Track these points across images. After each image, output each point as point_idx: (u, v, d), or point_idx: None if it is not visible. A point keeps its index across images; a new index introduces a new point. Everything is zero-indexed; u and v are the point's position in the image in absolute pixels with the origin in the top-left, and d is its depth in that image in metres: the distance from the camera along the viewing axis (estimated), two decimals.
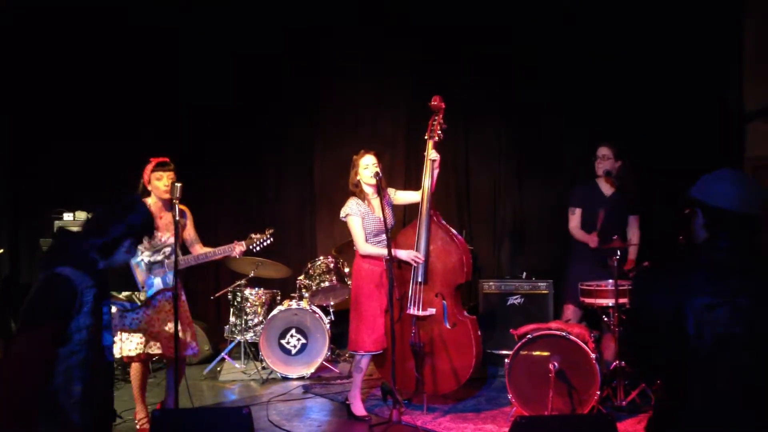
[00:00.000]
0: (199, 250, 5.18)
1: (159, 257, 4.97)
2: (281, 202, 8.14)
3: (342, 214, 5.37)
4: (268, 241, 5.44)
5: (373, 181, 5.26)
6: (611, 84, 6.92)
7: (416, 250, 5.38)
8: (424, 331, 5.44)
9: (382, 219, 5.25)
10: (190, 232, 5.19)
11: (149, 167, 5.01)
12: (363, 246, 5.32)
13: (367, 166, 5.30)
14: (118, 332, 4.91)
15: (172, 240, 4.98)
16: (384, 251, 5.13)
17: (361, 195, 5.33)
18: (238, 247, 5.13)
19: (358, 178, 5.32)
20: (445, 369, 5.42)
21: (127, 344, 4.90)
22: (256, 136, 8.01)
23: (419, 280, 5.42)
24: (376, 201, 5.35)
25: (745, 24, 6.61)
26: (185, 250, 5.17)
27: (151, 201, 5.03)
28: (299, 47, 7.85)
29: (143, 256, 4.93)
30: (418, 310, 5.39)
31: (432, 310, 5.40)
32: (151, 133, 7.21)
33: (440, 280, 5.46)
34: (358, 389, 5.44)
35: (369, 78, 7.89)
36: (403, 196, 5.63)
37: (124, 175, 5.27)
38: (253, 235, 5.33)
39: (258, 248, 5.40)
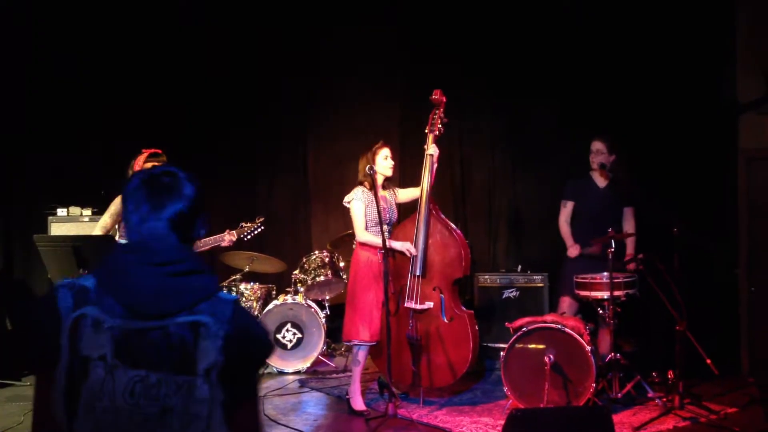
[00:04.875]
0: None
1: None
2: (276, 196, 8.12)
3: (346, 199, 5.44)
4: (259, 230, 5.43)
5: (390, 173, 5.46)
6: (605, 77, 6.90)
7: (414, 244, 5.41)
8: (421, 324, 5.44)
9: (385, 208, 5.30)
10: None
11: (141, 158, 4.99)
12: (361, 233, 5.36)
13: (387, 157, 5.45)
14: None
15: None
16: (379, 239, 5.16)
17: (370, 184, 5.35)
18: (228, 236, 5.13)
19: (375, 167, 5.35)
20: (442, 363, 5.42)
21: None
22: (250, 131, 7.97)
23: (417, 273, 5.43)
24: (382, 192, 5.45)
25: (737, 15, 6.61)
26: None
27: None
28: (294, 43, 7.83)
29: None
30: (416, 303, 5.40)
31: (429, 304, 5.41)
32: (142, 129, 7.15)
33: (438, 274, 5.46)
34: (358, 384, 5.43)
35: (363, 73, 7.87)
36: (405, 194, 5.68)
37: (119, 171, 5.24)
38: (243, 224, 5.32)
39: (249, 237, 5.40)
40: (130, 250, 1.77)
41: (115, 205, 4.96)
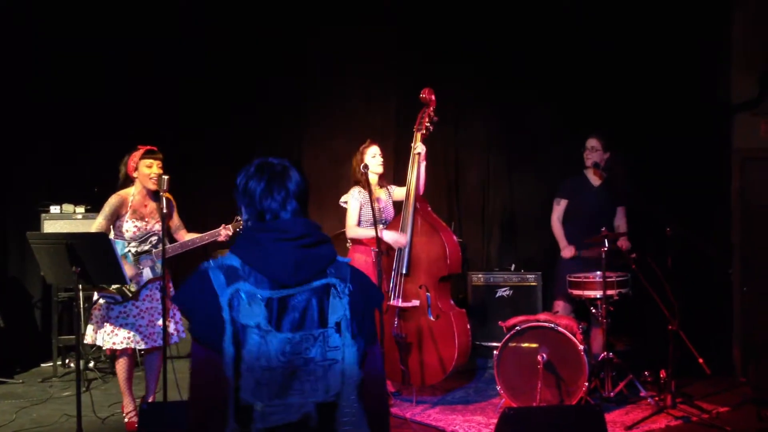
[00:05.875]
0: (185, 236, 5.15)
1: (146, 246, 4.95)
2: None
3: (343, 199, 5.53)
4: None
5: (379, 170, 5.49)
6: (601, 77, 6.92)
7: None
8: (408, 323, 5.45)
9: (381, 208, 5.33)
10: (174, 220, 5.20)
11: (137, 154, 4.98)
12: (352, 228, 5.44)
13: (375, 155, 5.48)
14: (104, 324, 4.88)
15: (158, 227, 4.96)
16: (370, 232, 5.22)
17: (365, 183, 5.37)
18: (225, 231, 5.13)
19: (362, 165, 5.39)
20: (431, 360, 5.43)
21: (112, 337, 4.86)
22: (246, 129, 7.95)
23: (402, 271, 5.44)
24: (378, 191, 5.51)
25: (733, 15, 6.62)
26: (171, 238, 5.15)
27: (135, 189, 5.00)
28: (290, 42, 7.81)
29: (130, 247, 4.90)
30: (401, 301, 5.40)
31: (416, 302, 5.41)
32: (136, 126, 7.13)
33: (424, 272, 5.47)
34: None
35: (359, 72, 7.85)
36: (400, 192, 5.70)
37: (112, 167, 5.22)
38: (238, 218, 5.31)
39: None
40: (267, 230, 2.07)
41: (109, 205, 4.94)
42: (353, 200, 5.43)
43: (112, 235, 4.93)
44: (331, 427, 1.98)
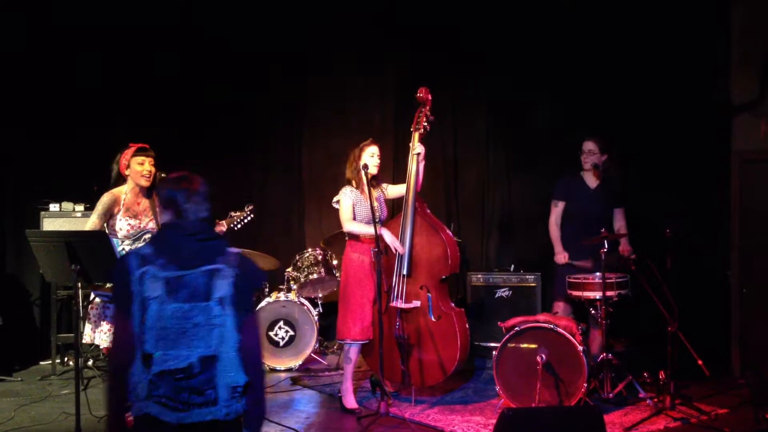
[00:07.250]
0: None
1: (140, 244, 4.93)
2: (269, 193, 8.08)
3: (335, 200, 5.46)
4: (249, 218, 5.43)
5: (375, 171, 5.40)
6: (600, 77, 6.92)
7: (399, 242, 5.41)
8: (410, 323, 5.44)
9: (374, 207, 5.30)
10: None
11: (129, 152, 4.98)
12: (348, 221, 5.37)
13: (373, 155, 5.42)
14: (101, 323, 4.87)
15: (151, 225, 4.96)
16: (369, 229, 5.19)
17: (358, 182, 5.36)
18: (218, 227, 5.12)
19: (362, 164, 5.35)
20: (432, 361, 5.42)
21: (109, 336, 4.85)
22: (244, 126, 7.95)
23: (403, 272, 5.42)
24: (372, 191, 5.42)
25: (732, 16, 6.61)
26: None
27: (127, 187, 5.00)
28: (287, 37, 7.81)
29: (124, 245, 4.90)
30: (402, 302, 5.39)
31: (417, 303, 5.40)
32: (134, 124, 7.13)
33: (425, 273, 5.45)
34: (350, 382, 5.43)
35: (357, 69, 7.86)
36: (394, 191, 5.66)
37: (109, 164, 5.22)
38: (233, 213, 5.30)
39: (239, 226, 5.39)
40: (174, 227, 2.78)
41: (102, 204, 4.94)
42: (345, 198, 5.37)
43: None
44: (211, 372, 2.64)
